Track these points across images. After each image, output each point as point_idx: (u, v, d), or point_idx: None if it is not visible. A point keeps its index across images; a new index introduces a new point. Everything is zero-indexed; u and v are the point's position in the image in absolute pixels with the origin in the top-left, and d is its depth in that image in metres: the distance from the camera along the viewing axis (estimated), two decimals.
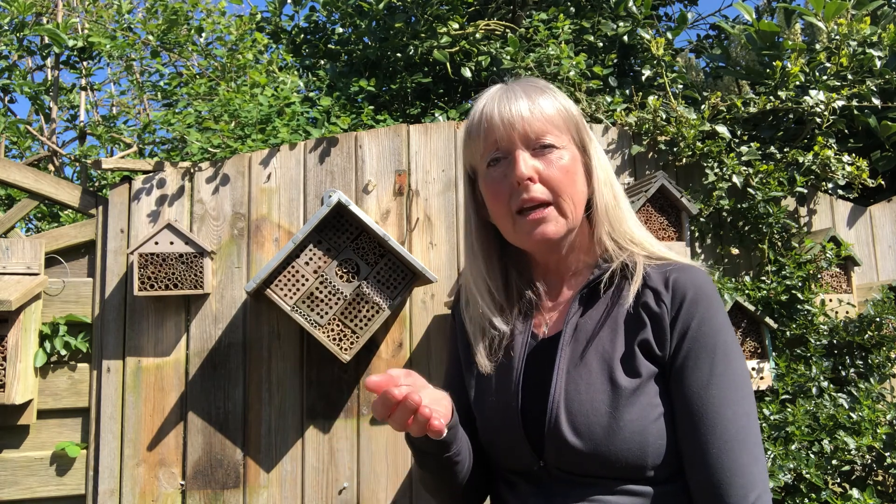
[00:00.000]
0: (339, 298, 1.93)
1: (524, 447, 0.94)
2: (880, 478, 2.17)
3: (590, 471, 0.90)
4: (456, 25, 3.05)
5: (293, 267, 1.92)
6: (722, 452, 0.86)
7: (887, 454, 2.02)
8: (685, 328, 0.91)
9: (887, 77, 2.57)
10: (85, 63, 3.03)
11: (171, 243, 1.94)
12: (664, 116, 2.39)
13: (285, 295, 1.90)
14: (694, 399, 0.88)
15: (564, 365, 0.94)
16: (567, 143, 0.98)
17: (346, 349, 1.92)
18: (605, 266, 0.99)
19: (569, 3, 3.29)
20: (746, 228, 2.40)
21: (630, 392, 0.89)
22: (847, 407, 2.07)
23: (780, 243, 2.42)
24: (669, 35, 3.01)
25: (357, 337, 1.93)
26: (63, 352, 1.96)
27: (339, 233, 1.98)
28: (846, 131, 2.72)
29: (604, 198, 1.00)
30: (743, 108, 2.50)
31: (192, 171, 2.10)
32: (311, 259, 1.93)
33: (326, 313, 1.92)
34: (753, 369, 2.19)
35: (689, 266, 0.97)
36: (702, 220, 2.36)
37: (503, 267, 1.07)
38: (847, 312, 2.36)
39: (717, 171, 2.35)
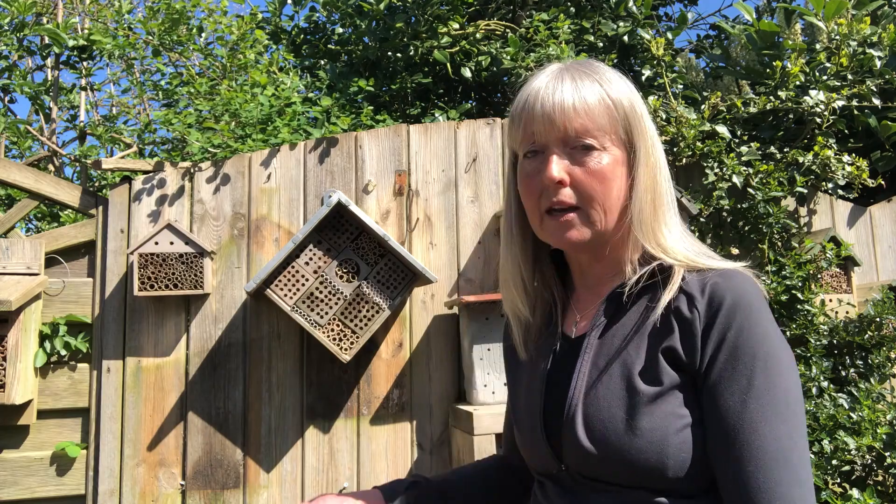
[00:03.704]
0: (339, 298, 1.93)
1: (545, 449, 0.93)
2: (880, 478, 2.17)
3: (610, 478, 0.87)
4: (456, 25, 3.05)
5: (293, 267, 1.91)
6: (758, 471, 0.80)
7: (887, 454, 2.02)
8: (721, 337, 0.84)
9: (887, 77, 2.57)
10: (85, 63, 3.03)
11: (171, 243, 1.94)
12: (664, 116, 2.39)
13: (285, 295, 1.90)
14: (729, 414, 0.83)
15: (586, 368, 0.92)
16: (610, 144, 0.91)
17: (346, 349, 1.92)
18: (638, 271, 0.93)
19: (569, 3, 3.29)
20: (746, 228, 2.40)
21: (649, 400, 0.85)
22: (847, 407, 2.07)
23: (780, 243, 2.42)
24: (669, 35, 3.02)
25: (357, 337, 1.93)
26: (63, 352, 1.96)
27: (339, 233, 1.98)
28: (846, 131, 2.72)
29: (640, 204, 0.92)
30: (743, 108, 2.50)
31: (192, 171, 2.10)
32: (311, 259, 1.93)
33: (326, 313, 1.92)
34: None
35: (734, 271, 0.90)
36: (702, 220, 2.36)
37: (537, 257, 1.04)
38: (847, 312, 2.36)
39: (717, 171, 2.35)
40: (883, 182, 2.58)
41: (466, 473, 1.17)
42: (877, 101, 2.55)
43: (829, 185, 2.53)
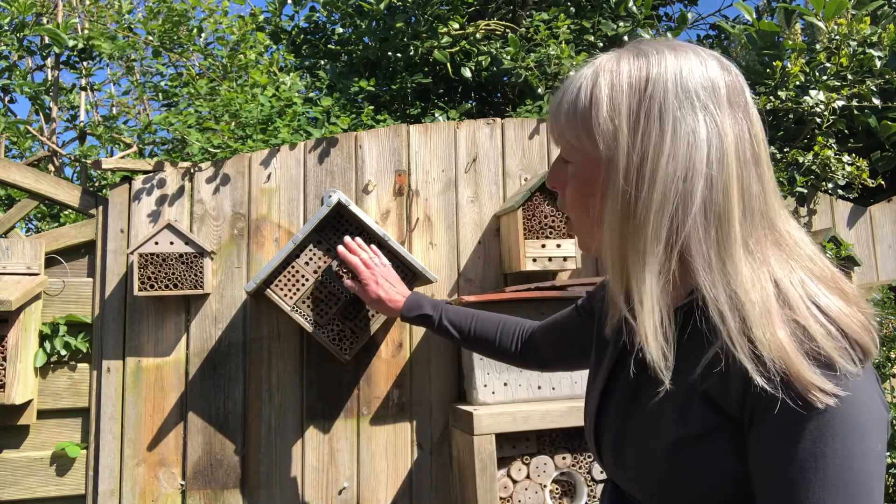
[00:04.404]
0: (339, 298, 1.93)
1: (595, 453, 0.93)
2: None
3: (640, 499, 0.85)
4: (456, 25, 3.05)
5: (293, 267, 1.92)
6: None
7: (887, 454, 2.02)
8: (761, 388, 0.70)
9: (887, 77, 2.57)
10: (85, 63, 3.03)
11: (171, 243, 1.94)
12: None
13: (285, 295, 1.90)
14: (765, 481, 0.70)
15: (620, 391, 0.88)
16: (583, 156, 0.80)
17: (346, 349, 1.92)
18: (696, 295, 0.78)
19: (569, 3, 3.29)
20: None
21: (677, 441, 0.77)
22: None
23: None
24: (669, 35, 3.02)
25: (357, 337, 1.93)
26: (63, 352, 1.96)
27: (339, 233, 1.98)
28: (846, 131, 2.72)
29: (607, 228, 0.78)
30: None
31: (192, 171, 2.10)
32: (311, 259, 1.93)
33: (326, 313, 1.92)
34: None
35: None
36: None
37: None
38: None
39: None
40: (883, 182, 2.58)
41: (484, 319, 1.41)
42: (877, 101, 2.55)
43: (829, 185, 2.53)
